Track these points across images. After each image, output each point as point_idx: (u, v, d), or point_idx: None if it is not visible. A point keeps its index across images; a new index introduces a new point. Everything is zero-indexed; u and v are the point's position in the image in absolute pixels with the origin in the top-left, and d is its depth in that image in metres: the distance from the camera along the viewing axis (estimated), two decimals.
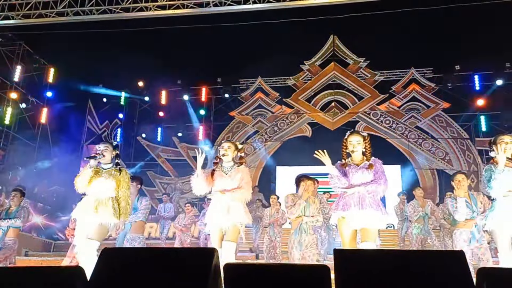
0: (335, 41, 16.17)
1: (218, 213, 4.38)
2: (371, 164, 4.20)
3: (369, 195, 4.11)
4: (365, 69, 15.89)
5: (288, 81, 16.48)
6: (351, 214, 4.08)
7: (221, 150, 4.61)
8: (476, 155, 14.25)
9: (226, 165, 4.59)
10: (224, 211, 4.35)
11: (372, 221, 4.08)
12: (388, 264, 2.48)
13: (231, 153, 4.59)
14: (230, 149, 4.59)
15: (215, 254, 2.05)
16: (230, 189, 4.42)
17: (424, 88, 15.25)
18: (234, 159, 4.63)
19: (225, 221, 4.35)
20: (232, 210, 4.36)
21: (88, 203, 4.45)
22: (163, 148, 16.61)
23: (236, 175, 4.49)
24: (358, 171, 4.19)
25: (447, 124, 14.83)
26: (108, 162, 4.61)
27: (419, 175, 14.65)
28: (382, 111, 15.45)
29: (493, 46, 12.85)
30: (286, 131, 16.01)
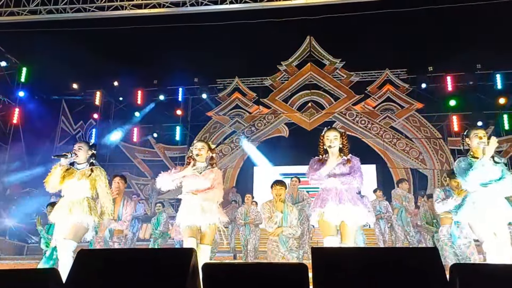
0: (311, 42, 16.32)
1: (191, 213, 4.28)
2: (348, 159, 4.24)
3: (346, 192, 4.15)
4: (341, 70, 16.09)
5: (265, 81, 16.54)
6: (330, 209, 4.11)
7: (195, 150, 4.51)
8: (449, 154, 14.61)
9: (199, 165, 4.50)
10: (198, 211, 4.26)
11: (351, 216, 4.11)
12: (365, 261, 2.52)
13: (205, 153, 4.51)
14: (204, 149, 4.51)
15: (193, 254, 2.05)
16: (202, 190, 4.35)
17: (398, 89, 15.55)
18: (206, 159, 4.56)
19: (200, 222, 4.26)
20: (206, 210, 4.27)
21: (62, 205, 4.35)
22: (139, 149, 16.42)
23: (210, 175, 4.42)
24: (335, 167, 4.23)
25: (421, 124, 15.16)
26: (82, 162, 4.49)
27: (394, 174, 14.92)
28: (357, 112, 15.67)
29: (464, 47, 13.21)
30: (263, 132, 16.06)
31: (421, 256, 2.63)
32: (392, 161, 15.07)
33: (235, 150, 16.04)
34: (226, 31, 12.46)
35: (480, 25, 12.00)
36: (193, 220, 4.27)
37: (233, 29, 12.12)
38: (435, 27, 12.77)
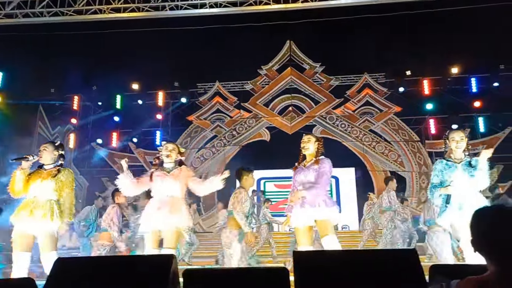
0: (291, 46, 16.44)
1: (156, 215, 4.14)
2: (317, 159, 4.32)
3: (311, 196, 4.19)
4: (321, 74, 16.24)
5: (246, 85, 16.56)
6: (295, 213, 4.22)
7: (165, 150, 4.40)
8: (426, 156, 14.87)
9: (168, 165, 4.41)
10: (164, 213, 4.11)
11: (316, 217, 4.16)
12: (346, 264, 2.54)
13: (175, 155, 4.43)
14: (174, 150, 4.44)
15: (174, 260, 2.03)
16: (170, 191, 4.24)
17: (377, 92, 15.77)
18: (175, 162, 4.46)
19: (164, 225, 4.11)
20: (173, 212, 4.13)
21: (24, 206, 4.16)
22: (119, 154, 16.21)
23: (180, 174, 4.32)
24: (302, 172, 4.32)
25: (399, 127, 15.40)
26: (48, 163, 4.34)
27: (373, 177, 15.10)
28: (337, 115, 15.83)
29: (441, 52, 13.51)
30: (244, 136, 16.07)
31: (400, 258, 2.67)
32: (371, 164, 15.25)
33: (216, 155, 16.00)
34: (206, 35, 12.45)
35: (455, 30, 12.26)
36: (155, 222, 4.13)
37: (213, 33, 12.11)
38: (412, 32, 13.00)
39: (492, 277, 1.63)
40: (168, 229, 4.11)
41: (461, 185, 4.09)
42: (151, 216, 4.19)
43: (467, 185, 4.07)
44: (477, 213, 1.81)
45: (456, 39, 12.68)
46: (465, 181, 4.08)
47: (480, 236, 1.74)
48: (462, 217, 3.97)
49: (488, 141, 13.79)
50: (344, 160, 13.82)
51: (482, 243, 1.73)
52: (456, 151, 4.21)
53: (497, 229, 1.70)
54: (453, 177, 4.11)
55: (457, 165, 4.14)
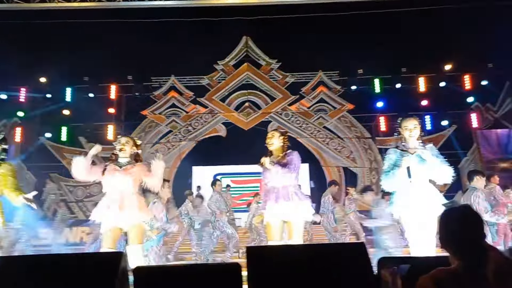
0: (248, 42, 16.45)
1: (113, 210, 4.03)
2: (284, 154, 4.40)
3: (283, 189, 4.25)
4: (277, 70, 16.38)
5: (202, 80, 16.42)
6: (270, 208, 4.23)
7: (118, 145, 4.29)
8: (376, 153, 15.38)
9: (122, 160, 4.28)
10: (121, 208, 4.01)
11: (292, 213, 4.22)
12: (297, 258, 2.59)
13: (129, 148, 4.31)
14: (128, 144, 4.31)
15: (123, 258, 1.99)
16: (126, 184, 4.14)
17: (331, 90, 16.11)
18: (131, 155, 4.35)
19: (124, 220, 4.03)
20: (130, 207, 4.04)
21: None
22: (68, 149, 15.61)
23: (132, 169, 4.22)
24: (274, 166, 4.33)
25: (352, 125, 15.83)
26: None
27: (327, 173, 15.44)
28: (293, 112, 16.04)
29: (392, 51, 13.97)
30: (200, 131, 15.94)
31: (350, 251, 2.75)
32: (325, 160, 15.58)
33: (171, 150, 15.77)
34: (161, 28, 12.20)
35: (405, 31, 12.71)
36: (114, 218, 4.02)
37: (168, 26, 11.89)
38: (365, 32, 13.36)
39: (458, 269, 1.84)
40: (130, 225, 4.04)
41: (414, 176, 3.96)
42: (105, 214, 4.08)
43: (420, 176, 3.98)
44: (446, 213, 2.05)
45: (406, 39, 13.17)
46: (418, 172, 3.97)
47: (449, 234, 1.95)
48: (412, 208, 3.94)
49: (434, 139, 14.43)
50: None
51: (450, 240, 1.94)
52: (410, 140, 4.12)
53: (464, 228, 1.92)
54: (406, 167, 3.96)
55: (410, 155, 4.03)
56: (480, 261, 1.84)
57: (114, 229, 4.05)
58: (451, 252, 1.95)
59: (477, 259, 1.85)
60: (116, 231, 4.06)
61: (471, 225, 1.93)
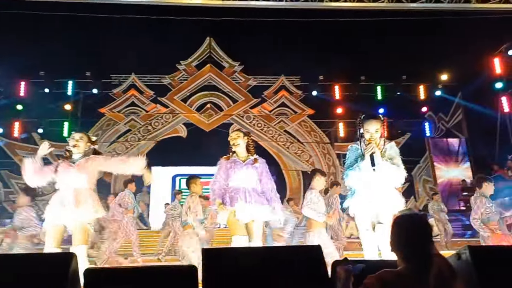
0: (211, 43, 16.39)
1: (60, 209, 3.88)
2: (256, 158, 4.42)
3: (253, 191, 4.28)
4: (240, 73, 16.41)
5: (163, 79, 16.19)
6: (240, 207, 4.19)
7: (71, 140, 4.12)
8: (335, 158, 15.71)
9: (76, 157, 4.12)
10: (69, 207, 3.86)
11: (257, 215, 4.23)
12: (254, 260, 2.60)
13: (84, 144, 4.14)
14: (82, 140, 4.15)
15: (74, 259, 1.94)
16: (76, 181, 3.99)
17: (292, 95, 16.31)
18: (86, 152, 4.18)
19: (70, 220, 3.88)
20: (78, 205, 3.88)
21: None
22: (21, 145, 14.96)
23: (85, 164, 4.06)
24: (243, 167, 4.35)
25: (312, 129, 16.08)
26: None
27: (287, 177, 15.60)
28: (254, 115, 16.10)
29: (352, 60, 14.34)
30: (160, 131, 15.70)
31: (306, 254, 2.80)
32: (285, 164, 15.74)
33: (130, 149, 15.43)
34: (123, 25, 11.95)
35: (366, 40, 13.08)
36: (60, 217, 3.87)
37: (130, 23, 11.66)
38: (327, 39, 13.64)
39: (405, 271, 1.97)
40: (74, 224, 3.88)
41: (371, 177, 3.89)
42: (55, 211, 3.91)
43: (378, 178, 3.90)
44: (398, 220, 2.18)
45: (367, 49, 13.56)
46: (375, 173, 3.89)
47: (398, 239, 2.09)
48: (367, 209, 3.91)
49: None
50: None
51: (398, 245, 2.08)
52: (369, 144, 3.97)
53: (412, 235, 2.06)
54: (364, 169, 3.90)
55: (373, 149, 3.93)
56: (425, 266, 1.98)
57: (59, 227, 3.89)
58: (399, 255, 2.08)
59: (422, 264, 1.98)
60: (61, 230, 3.91)
61: (419, 232, 2.07)
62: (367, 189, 3.94)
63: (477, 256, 2.49)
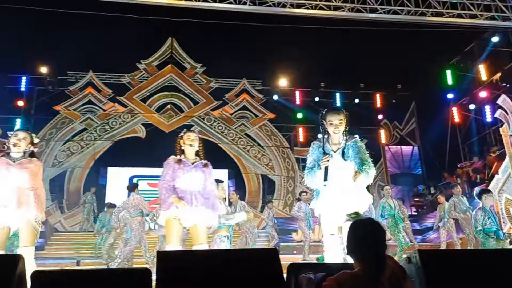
0: (173, 43, 16.21)
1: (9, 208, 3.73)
2: (206, 163, 4.38)
3: (199, 194, 4.22)
4: (201, 75, 16.32)
5: (123, 78, 15.84)
6: (183, 211, 4.10)
7: (13, 138, 3.94)
8: (294, 162, 15.91)
9: (15, 155, 3.97)
10: (19, 205, 3.73)
11: (203, 219, 4.19)
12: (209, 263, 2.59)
13: (25, 145, 3.98)
14: (25, 140, 3.98)
15: (21, 262, 1.86)
16: None
17: (253, 98, 16.39)
18: (25, 153, 4.03)
19: (15, 219, 3.73)
20: (27, 204, 3.75)
21: None
22: None
23: (29, 164, 3.93)
24: (192, 169, 4.28)
25: (272, 133, 16.22)
26: None
27: (246, 180, 15.64)
28: (215, 117, 16.05)
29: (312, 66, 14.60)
30: (118, 131, 15.34)
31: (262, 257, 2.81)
32: (245, 167, 15.77)
33: (85, 149, 14.99)
34: (82, 20, 11.60)
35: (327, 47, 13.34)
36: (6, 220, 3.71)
37: (90, 19, 11.32)
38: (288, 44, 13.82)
39: (360, 272, 2.08)
40: (20, 225, 3.73)
41: (335, 176, 3.75)
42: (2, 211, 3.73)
43: (342, 176, 3.77)
44: (353, 224, 2.31)
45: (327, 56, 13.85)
46: (341, 171, 3.77)
47: (353, 243, 2.21)
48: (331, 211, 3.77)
49: None
50: (219, 161, 14.05)
51: (354, 248, 2.20)
52: (334, 136, 3.85)
53: (367, 238, 2.17)
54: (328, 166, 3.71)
55: (333, 154, 3.80)
56: (379, 267, 2.10)
57: (4, 229, 3.73)
58: (355, 258, 2.19)
59: (376, 265, 2.10)
60: (6, 231, 3.74)
61: (373, 236, 2.19)
62: (330, 189, 3.75)
63: (426, 259, 2.59)
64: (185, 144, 4.34)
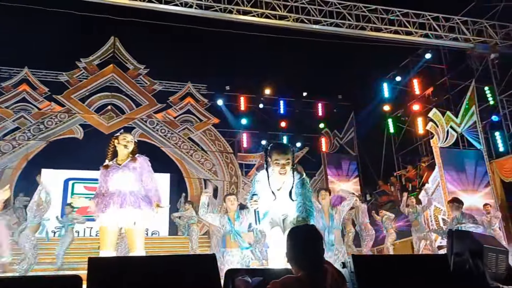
0: (115, 43, 15.73)
1: None
2: (134, 157, 4.20)
3: (130, 194, 4.07)
4: (145, 76, 15.96)
5: (60, 76, 15.14)
6: (112, 213, 3.98)
7: None
8: (237, 168, 15.96)
9: None
10: None
11: (132, 220, 4.04)
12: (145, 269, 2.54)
13: None
14: None
15: None
16: None
17: (198, 102, 16.27)
18: None
19: None
20: None
21: None
22: None
23: None
24: (119, 170, 4.14)
25: (216, 138, 16.17)
26: None
27: (188, 184, 15.46)
28: (158, 120, 15.75)
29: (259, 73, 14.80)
30: (53, 131, 14.62)
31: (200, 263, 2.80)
32: (187, 171, 15.59)
33: (17, 149, 14.14)
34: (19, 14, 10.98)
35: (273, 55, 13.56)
36: None
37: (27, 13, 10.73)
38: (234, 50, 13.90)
39: (304, 277, 2.09)
40: None
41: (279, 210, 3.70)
42: None
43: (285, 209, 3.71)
44: (291, 232, 2.30)
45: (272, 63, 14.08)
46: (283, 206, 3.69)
47: (293, 250, 2.21)
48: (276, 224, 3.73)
49: None
50: (161, 165, 13.78)
51: (294, 256, 2.20)
52: (279, 176, 3.63)
53: (306, 245, 2.20)
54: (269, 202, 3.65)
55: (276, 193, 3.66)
56: (319, 273, 2.13)
57: None
58: (295, 265, 2.20)
59: (316, 272, 2.13)
60: None
61: (312, 242, 2.22)
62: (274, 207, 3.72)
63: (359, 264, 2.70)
64: (120, 144, 4.20)
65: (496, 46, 11.26)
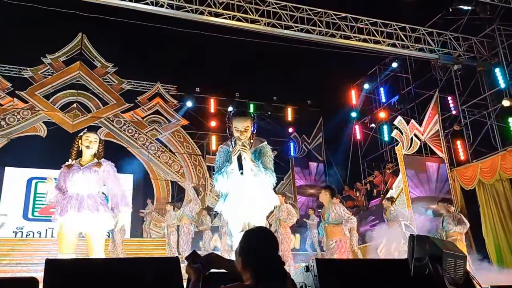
0: (83, 40, 15.36)
1: None
2: (99, 162, 4.11)
3: (88, 198, 3.99)
4: (113, 75, 15.65)
5: (24, 72, 14.64)
6: (69, 218, 3.88)
7: None
8: (205, 170, 15.86)
9: None
10: None
11: (93, 224, 3.97)
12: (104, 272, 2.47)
13: None
14: None
15: None
16: None
17: (167, 103, 16.09)
18: None
19: None
20: None
21: None
22: None
23: None
24: (79, 171, 4.05)
25: (184, 140, 16.03)
26: None
27: (155, 186, 15.24)
28: (126, 120, 15.47)
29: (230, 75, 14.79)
30: (15, 128, 14.12)
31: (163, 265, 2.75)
32: (154, 173, 15.37)
33: None
34: None
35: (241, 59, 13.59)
36: None
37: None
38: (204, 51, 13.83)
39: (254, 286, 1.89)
40: None
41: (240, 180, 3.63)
42: None
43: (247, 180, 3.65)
44: (245, 235, 2.07)
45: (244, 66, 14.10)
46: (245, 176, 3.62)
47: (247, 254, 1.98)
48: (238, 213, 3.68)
49: None
50: (126, 165, 13.52)
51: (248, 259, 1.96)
52: (239, 142, 3.68)
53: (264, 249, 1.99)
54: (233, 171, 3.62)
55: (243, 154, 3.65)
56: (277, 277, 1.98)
57: None
58: (250, 270, 1.96)
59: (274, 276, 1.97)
60: None
61: (268, 245, 2.04)
62: (237, 192, 3.67)
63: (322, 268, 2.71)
64: (83, 145, 4.11)
65: (459, 58, 11.65)
